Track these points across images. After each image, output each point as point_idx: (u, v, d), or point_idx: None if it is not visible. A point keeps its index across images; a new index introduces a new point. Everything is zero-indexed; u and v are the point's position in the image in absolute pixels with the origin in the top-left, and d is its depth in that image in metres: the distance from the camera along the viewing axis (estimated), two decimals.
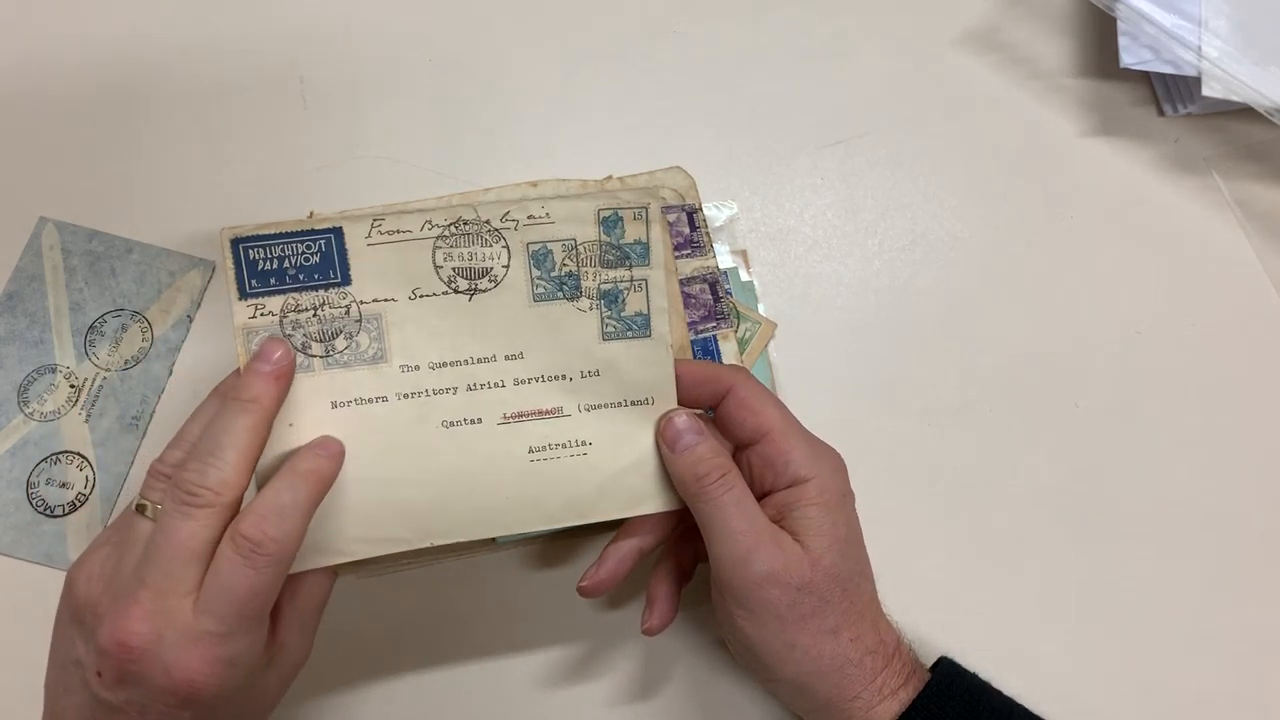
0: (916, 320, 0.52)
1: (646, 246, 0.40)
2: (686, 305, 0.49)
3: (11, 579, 0.47)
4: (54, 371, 0.50)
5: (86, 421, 0.49)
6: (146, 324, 0.51)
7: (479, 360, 0.39)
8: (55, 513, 0.48)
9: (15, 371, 0.50)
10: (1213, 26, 0.52)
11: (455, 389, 0.39)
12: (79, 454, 0.49)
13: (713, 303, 0.50)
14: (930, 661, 0.40)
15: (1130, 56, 0.53)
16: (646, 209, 0.39)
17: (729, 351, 0.48)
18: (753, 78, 0.57)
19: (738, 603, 0.37)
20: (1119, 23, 0.53)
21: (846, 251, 0.54)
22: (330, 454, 0.37)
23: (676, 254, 0.50)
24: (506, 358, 0.39)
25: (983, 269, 0.53)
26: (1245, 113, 0.52)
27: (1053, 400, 0.51)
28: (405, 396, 0.38)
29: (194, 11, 0.57)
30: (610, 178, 0.52)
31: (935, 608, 0.46)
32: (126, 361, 0.50)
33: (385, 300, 0.38)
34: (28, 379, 0.50)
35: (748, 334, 0.50)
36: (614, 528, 0.46)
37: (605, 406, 0.40)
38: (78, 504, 0.48)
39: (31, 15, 0.57)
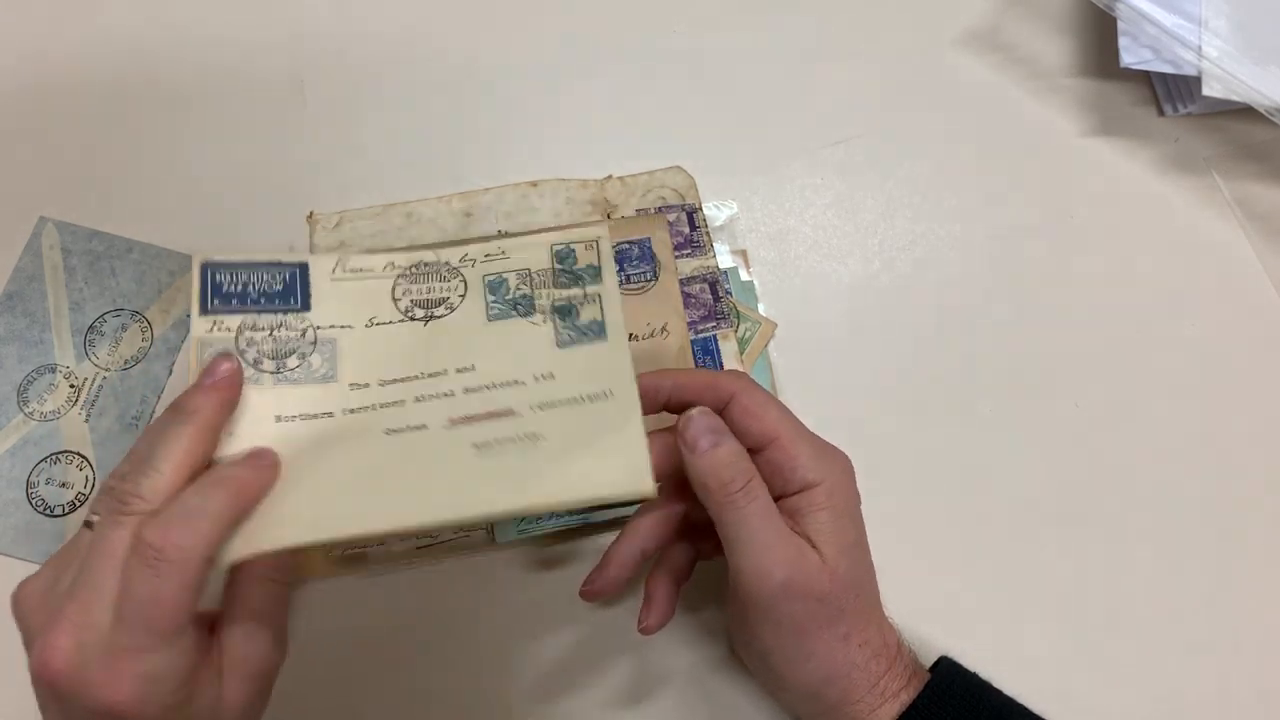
0: (916, 320, 0.52)
1: (598, 269, 0.40)
2: (686, 305, 0.49)
3: (12, 579, 0.47)
4: (54, 371, 0.50)
5: (86, 421, 0.49)
6: (146, 324, 0.51)
7: (430, 375, 0.39)
8: (55, 512, 0.48)
9: (15, 371, 0.50)
10: (1213, 26, 0.52)
11: (403, 401, 0.38)
12: (79, 454, 0.49)
13: (713, 302, 0.50)
14: (930, 661, 0.40)
15: (1130, 56, 0.53)
16: (598, 242, 0.40)
17: (729, 351, 0.48)
18: (753, 78, 0.57)
19: (760, 614, 0.37)
20: (1119, 22, 0.53)
21: (846, 251, 0.54)
22: (260, 465, 0.35)
23: (676, 254, 0.50)
24: (457, 370, 0.39)
25: (983, 269, 0.53)
26: (1245, 113, 0.52)
27: (1053, 400, 0.51)
28: (351, 411, 0.38)
29: (194, 12, 0.57)
30: (610, 178, 0.52)
31: (935, 608, 0.46)
32: (126, 361, 0.50)
33: (342, 327, 0.39)
34: (28, 379, 0.50)
35: (748, 334, 0.50)
36: (612, 527, 0.46)
37: (560, 404, 0.39)
38: (77, 504, 0.48)
39: (30, 15, 0.57)
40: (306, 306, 0.39)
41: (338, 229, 0.51)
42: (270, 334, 0.38)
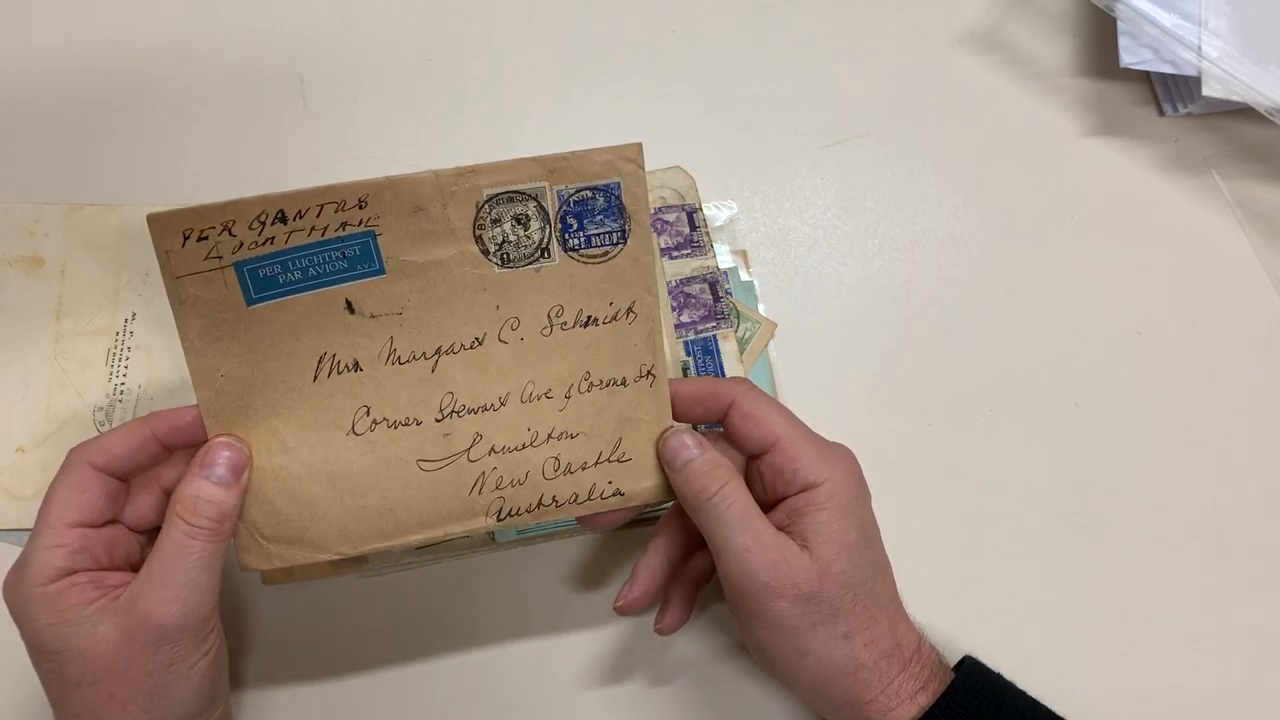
0: (916, 320, 0.52)
1: None
2: (687, 305, 0.49)
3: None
4: None
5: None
6: None
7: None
8: None
9: None
10: (1213, 26, 0.52)
11: None
12: None
13: (713, 303, 0.50)
14: (955, 659, 0.40)
15: (1130, 56, 0.53)
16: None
17: (729, 351, 0.48)
18: (753, 78, 0.57)
19: (748, 614, 0.37)
20: (1119, 22, 0.53)
21: (846, 251, 0.54)
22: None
23: (676, 254, 0.50)
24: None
25: (983, 269, 0.53)
26: (1245, 113, 0.52)
27: (1053, 400, 0.51)
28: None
29: (194, 12, 0.57)
30: None
31: (933, 607, 0.46)
32: None
33: None
34: None
35: (748, 334, 0.50)
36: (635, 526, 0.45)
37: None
38: None
39: (29, 16, 0.57)
40: None
41: None
42: None
